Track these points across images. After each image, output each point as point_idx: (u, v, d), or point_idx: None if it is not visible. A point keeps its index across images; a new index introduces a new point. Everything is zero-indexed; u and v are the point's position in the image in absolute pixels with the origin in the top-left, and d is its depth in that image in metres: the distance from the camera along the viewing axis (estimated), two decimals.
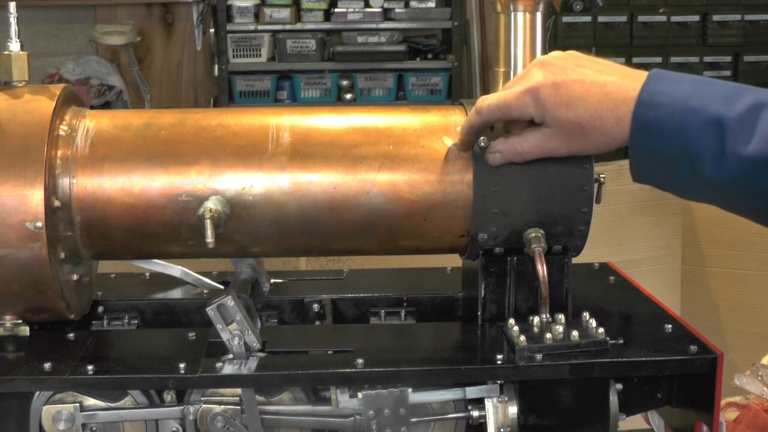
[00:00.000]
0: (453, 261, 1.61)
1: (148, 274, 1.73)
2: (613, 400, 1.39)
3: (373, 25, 5.87)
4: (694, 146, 1.20)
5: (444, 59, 5.94)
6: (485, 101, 1.36)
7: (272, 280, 1.66)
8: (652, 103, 1.23)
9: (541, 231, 1.43)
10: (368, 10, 5.83)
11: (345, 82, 5.94)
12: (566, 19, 5.66)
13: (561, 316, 1.40)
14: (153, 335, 1.59)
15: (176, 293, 1.67)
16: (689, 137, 1.20)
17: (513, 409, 1.38)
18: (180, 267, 1.64)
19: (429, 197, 1.43)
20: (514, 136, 1.38)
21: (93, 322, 1.58)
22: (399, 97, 5.97)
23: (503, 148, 1.39)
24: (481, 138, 1.41)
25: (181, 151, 1.43)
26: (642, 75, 1.27)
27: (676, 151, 1.22)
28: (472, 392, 1.38)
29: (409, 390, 1.35)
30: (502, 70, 1.53)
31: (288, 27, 5.82)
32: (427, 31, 6.06)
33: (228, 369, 1.34)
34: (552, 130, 1.32)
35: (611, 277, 1.72)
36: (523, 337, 1.36)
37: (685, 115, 1.21)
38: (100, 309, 1.61)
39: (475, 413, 1.39)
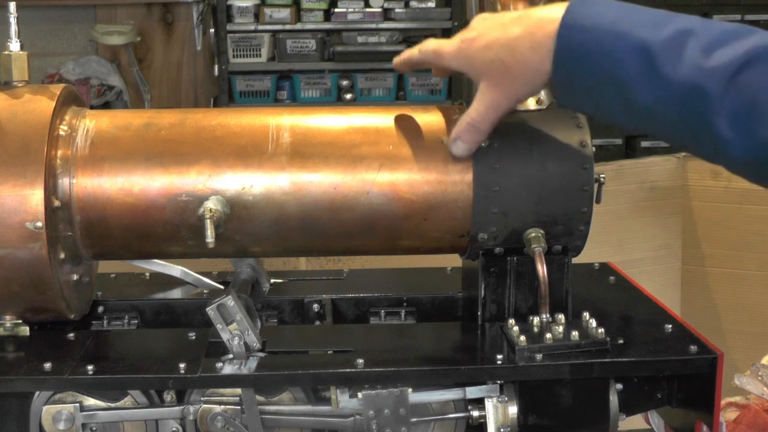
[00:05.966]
0: (453, 261, 1.61)
1: (148, 274, 1.73)
2: (613, 400, 1.39)
3: (373, 25, 5.86)
4: (620, 71, 1.18)
5: None
6: (427, 42, 1.40)
7: (272, 280, 1.66)
8: (576, 26, 1.21)
9: (541, 231, 1.43)
10: (368, 10, 5.82)
11: (345, 82, 5.94)
12: None
13: (561, 316, 1.40)
14: (153, 335, 1.58)
15: (176, 293, 1.67)
16: (616, 61, 1.18)
17: (513, 409, 1.38)
18: (180, 267, 1.64)
19: (429, 197, 1.43)
20: (462, 115, 1.39)
21: (93, 322, 1.58)
22: (399, 97, 5.96)
23: (458, 129, 1.39)
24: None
25: (181, 151, 1.43)
26: (565, 5, 1.25)
27: (603, 76, 1.20)
28: (472, 392, 1.38)
29: (409, 390, 1.36)
30: None
31: (288, 27, 5.82)
32: (427, 31, 6.05)
33: (228, 369, 1.34)
34: (485, 83, 1.33)
35: (611, 277, 1.72)
36: (523, 337, 1.36)
37: (612, 39, 1.18)
38: (100, 309, 1.61)
39: (475, 413, 1.39)
